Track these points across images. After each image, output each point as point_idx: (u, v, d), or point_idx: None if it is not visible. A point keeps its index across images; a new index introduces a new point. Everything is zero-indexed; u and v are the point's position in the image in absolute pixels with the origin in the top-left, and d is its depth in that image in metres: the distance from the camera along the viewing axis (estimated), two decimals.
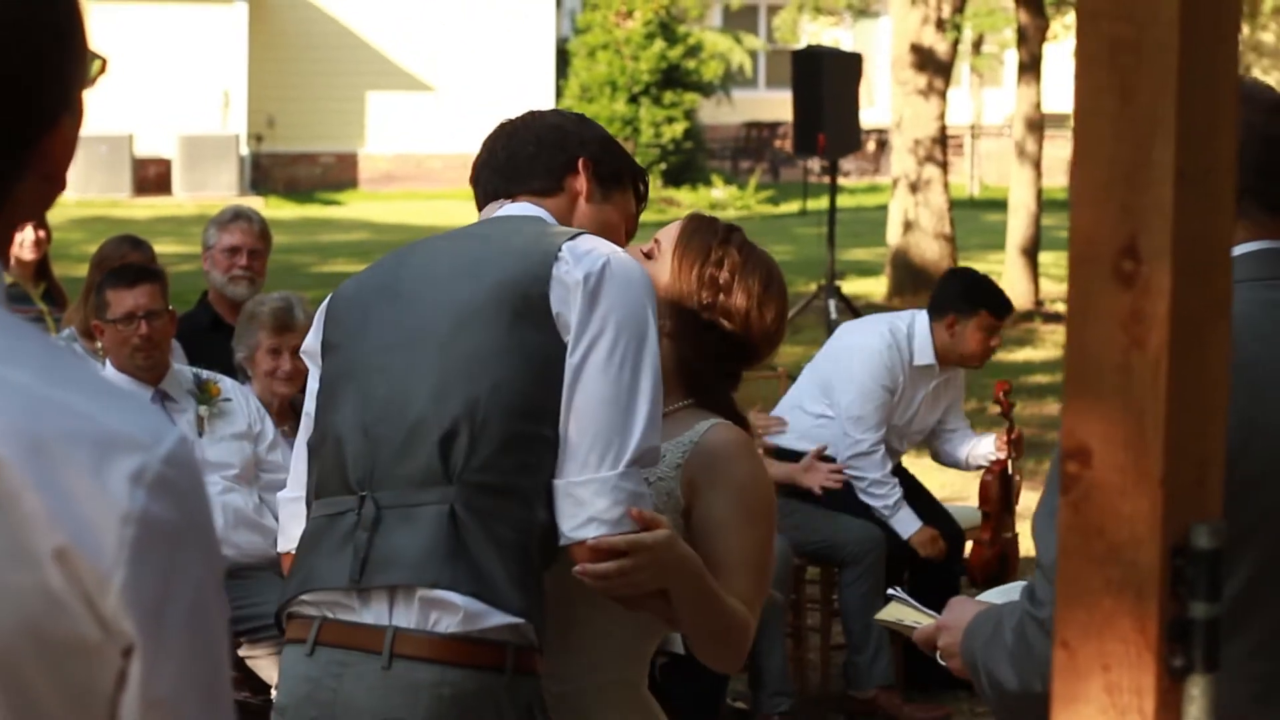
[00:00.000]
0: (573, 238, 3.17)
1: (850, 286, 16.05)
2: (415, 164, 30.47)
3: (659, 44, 29.76)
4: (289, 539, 3.29)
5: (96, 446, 1.52)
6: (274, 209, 26.56)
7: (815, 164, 23.82)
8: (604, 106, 29.87)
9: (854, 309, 13.86)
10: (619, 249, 3.21)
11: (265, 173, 30.00)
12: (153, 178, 28.26)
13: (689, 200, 29.34)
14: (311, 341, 3.35)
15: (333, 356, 3.27)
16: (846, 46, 27.93)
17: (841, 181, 29.97)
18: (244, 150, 28.96)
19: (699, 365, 3.38)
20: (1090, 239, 1.90)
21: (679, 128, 29.81)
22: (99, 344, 6.13)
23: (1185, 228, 1.87)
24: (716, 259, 3.40)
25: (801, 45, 22.62)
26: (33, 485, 1.50)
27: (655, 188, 29.00)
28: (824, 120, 13.20)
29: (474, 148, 3.50)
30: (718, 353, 3.41)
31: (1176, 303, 1.86)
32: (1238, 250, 2.76)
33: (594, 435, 3.04)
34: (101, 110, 27.22)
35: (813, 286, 14.87)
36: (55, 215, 24.59)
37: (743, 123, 34.51)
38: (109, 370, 5.91)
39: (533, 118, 3.47)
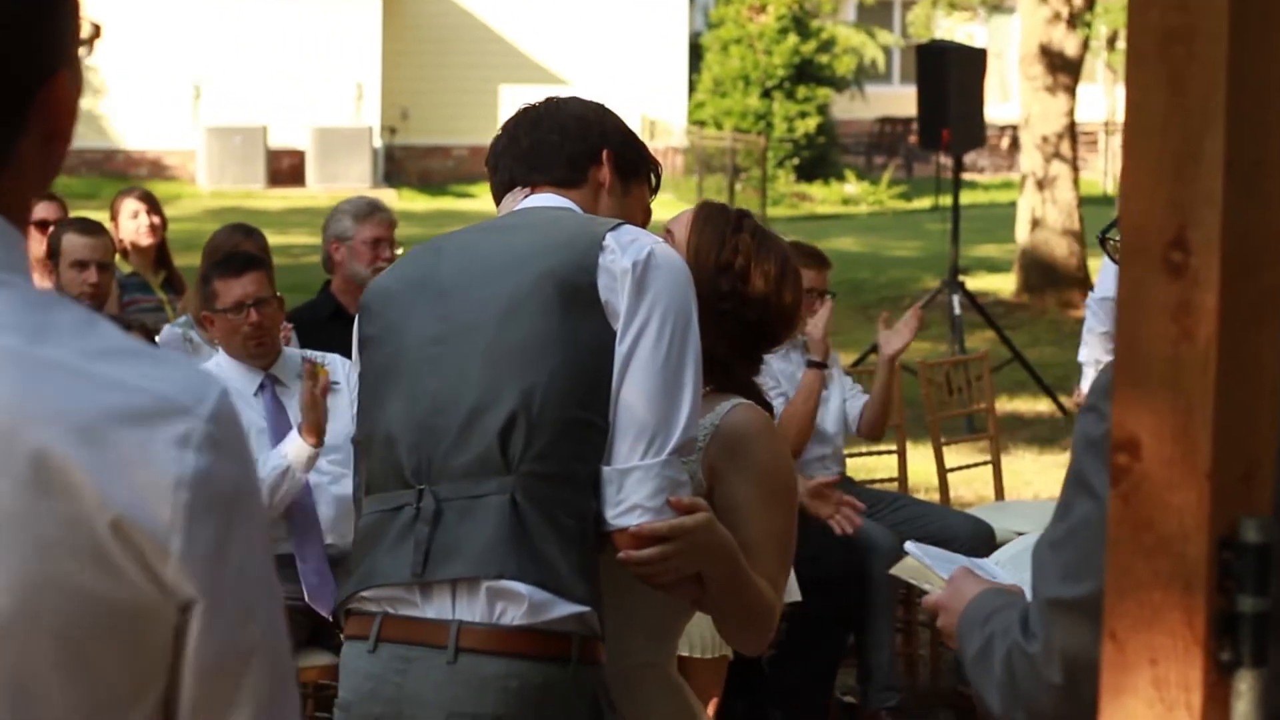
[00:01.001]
0: (615, 227, 3.17)
1: (978, 283, 15.96)
2: None
3: (792, 39, 29.70)
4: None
5: (140, 417, 1.55)
6: (407, 201, 26.74)
7: (948, 160, 23.71)
8: (736, 101, 29.85)
9: (978, 305, 13.78)
10: (659, 239, 3.22)
11: (398, 165, 30.19)
12: (286, 169, 28.53)
13: (821, 195, 29.27)
14: (355, 351, 3.36)
15: (373, 351, 3.27)
16: (980, 42, 27.74)
17: (975, 178, 29.88)
18: (377, 142, 29.17)
19: (719, 350, 3.37)
20: (1140, 230, 1.90)
21: (812, 123, 29.73)
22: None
23: (1234, 219, 1.86)
24: (731, 246, 3.42)
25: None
26: (83, 467, 1.52)
27: (788, 183, 28.97)
28: (949, 115, 13.11)
29: None
30: (739, 339, 3.43)
31: (1225, 295, 1.85)
32: None
33: (640, 423, 3.05)
34: (236, 102, 27.54)
35: (937, 283, 14.80)
36: (189, 206, 24.97)
37: (876, 118, 34.39)
38: (220, 358, 5.98)
39: (556, 106, 3.45)
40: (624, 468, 3.04)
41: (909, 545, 3.06)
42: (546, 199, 3.34)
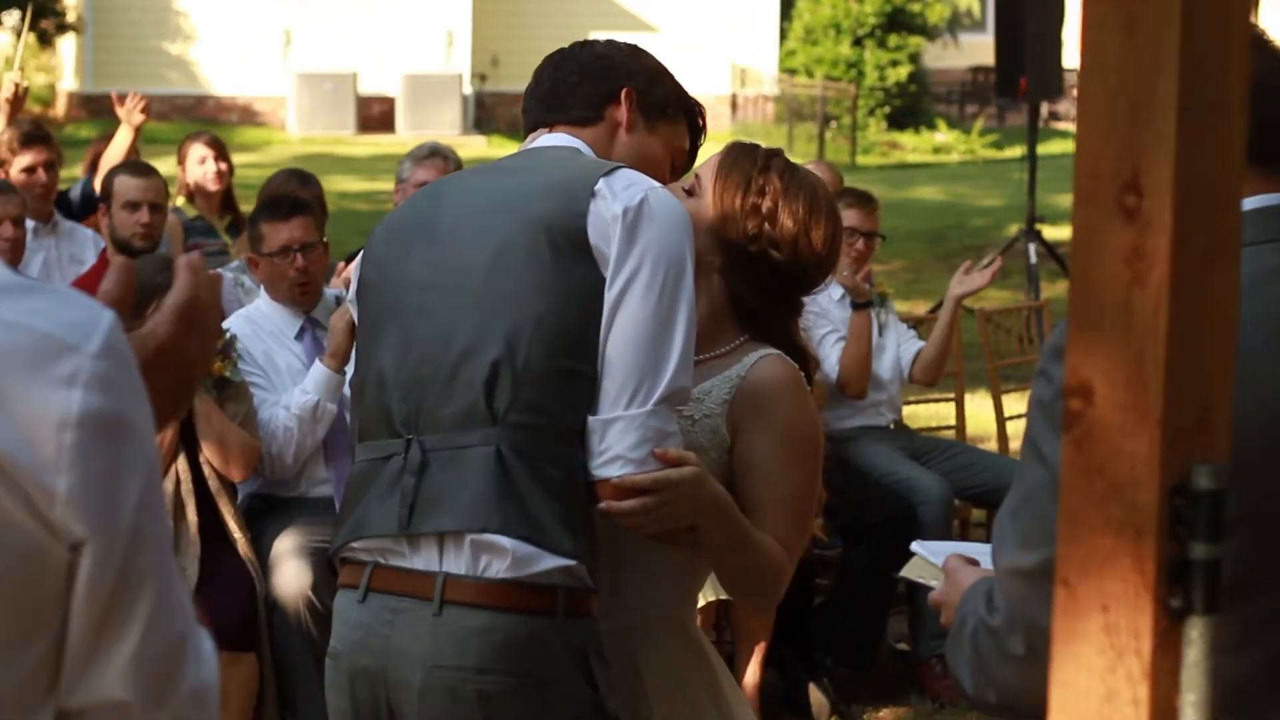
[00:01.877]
0: (610, 171, 3.13)
1: (1057, 232, 15.82)
2: None
3: None
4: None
5: (26, 355, 1.53)
6: (496, 148, 26.74)
7: (1044, 109, 23.45)
8: (828, 49, 29.66)
9: (1055, 254, 13.67)
10: (657, 184, 3.16)
11: (489, 112, 30.19)
12: (376, 116, 28.57)
13: (912, 144, 29.08)
14: (353, 289, 3.36)
15: (372, 296, 3.25)
16: None
17: (1064, 126, 29.56)
18: (467, 89, 29.18)
19: (752, 298, 3.33)
20: (1093, 174, 1.88)
21: (903, 71, 29.50)
22: None
23: (1189, 164, 1.84)
24: (758, 187, 3.33)
25: None
26: None
27: (879, 131, 28.78)
28: (1026, 63, 12.99)
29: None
30: (770, 283, 3.34)
31: (1178, 240, 1.83)
32: None
33: (626, 372, 3.01)
34: (326, 49, 27.61)
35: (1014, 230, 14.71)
36: (279, 152, 25.08)
37: (968, 67, 34.09)
38: (262, 301, 6.02)
39: (581, 47, 3.44)
40: (607, 417, 3.00)
41: (915, 545, 3.00)
42: (556, 139, 3.32)
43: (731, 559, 3.17)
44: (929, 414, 9.00)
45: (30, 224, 7.71)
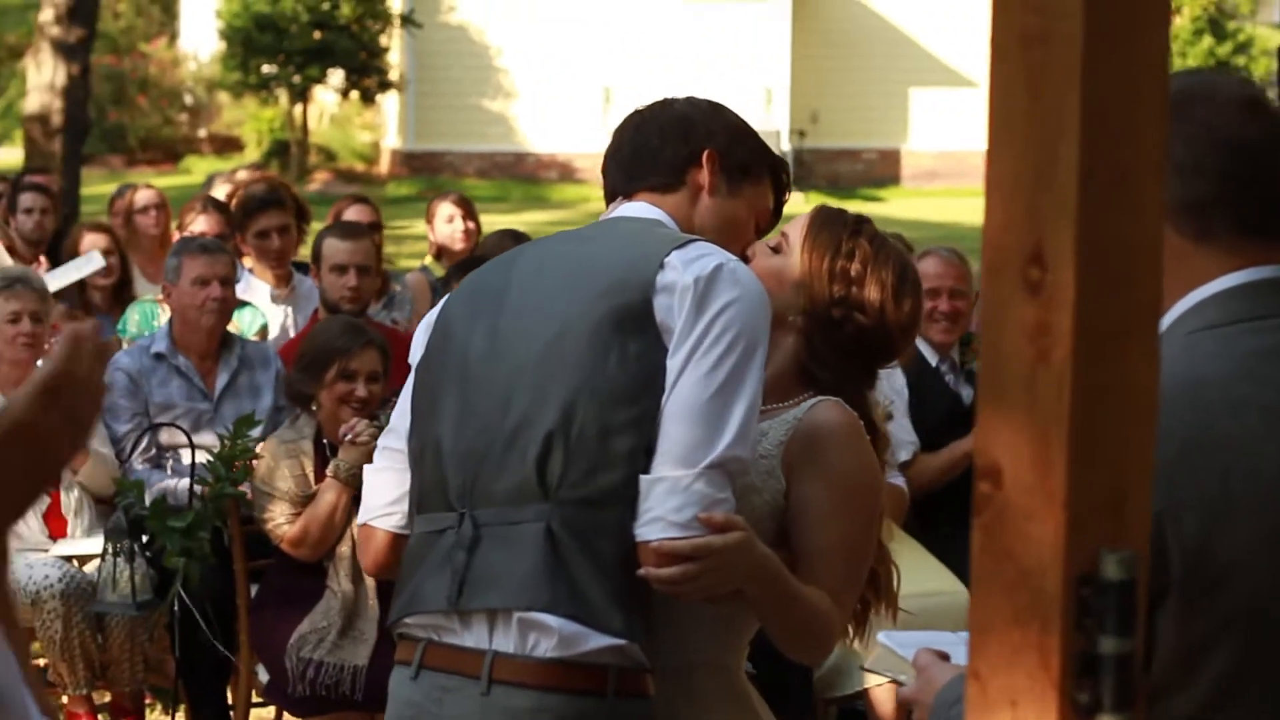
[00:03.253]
0: (682, 245, 3.05)
1: None
2: (958, 161, 30.23)
3: (1207, 40, 28.85)
4: (367, 510, 3.26)
5: None
6: (814, 204, 26.72)
7: None
8: None
9: None
10: (734, 258, 3.07)
11: (808, 169, 30.19)
12: None
13: None
14: (421, 335, 3.31)
15: (436, 360, 3.21)
16: None
17: None
18: (785, 145, 29.23)
19: (830, 359, 3.25)
20: (999, 245, 1.81)
21: None
22: None
23: (1096, 233, 1.75)
24: (847, 251, 3.25)
25: None
26: None
27: None
28: None
29: None
30: (852, 348, 3.27)
31: (1082, 314, 1.75)
32: (1213, 288, 2.33)
33: (679, 436, 2.92)
34: None
35: None
36: (596, 209, 25.27)
37: None
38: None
39: (661, 108, 3.34)
40: (654, 477, 2.92)
41: (881, 636, 2.89)
42: (637, 209, 3.25)
43: (779, 618, 3.08)
44: None
45: (266, 289, 7.93)
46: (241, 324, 7.42)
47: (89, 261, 8.06)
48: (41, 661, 6.34)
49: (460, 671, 3.00)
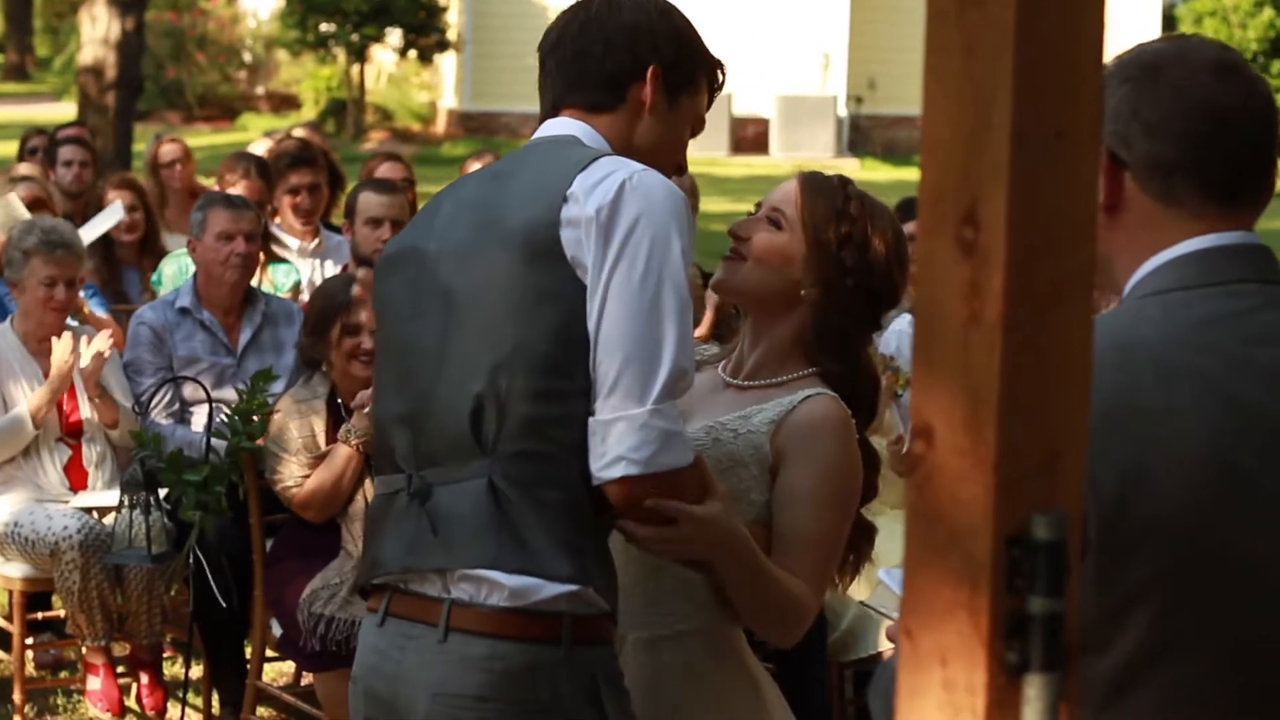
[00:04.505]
0: (585, 166, 2.98)
1: None
2: None
3: (1268, 12, 28.62)
4: None
5: None
6: (869, 171, 26.66)
7: None
8: None
9: None
10: (640, 167, 2.99)
11: (864, 134, 30.10)
12: (750, 137, 28.70)
13: None
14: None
15: (379, 326, 3.23)
16: None
17: None
18: (842, 111, 29.14)
19: (845, 324, 3.24)
20: (934, 204, 1.80)
21: None
22: None
23: (1029, 197, 1.75)
24: (848, 216, 3.24)
25: None
26: None
27: None
28: None
29: None
30: (863, 309, 3.27)
31: (1014, 276, 1.75)
32: (1173, 252, 2.34)
33: (620, 369, 2.88)
34: None
35: None
36: None
37: None
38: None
39: (608, 9, 3.18)
40: (608, 419, 2.88)
41: (880, 573, 2.90)
42: (559, 126, 3.15)
43: (747, 593, 3.07)
44: None
45: (295, 243, 7.98)
46: (276, 279, 7.46)
47: (112, 213, 8.10)
48: (61, 613, 6.40)
49: (422, 619, 3.00)
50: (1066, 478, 1.80)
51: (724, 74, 3.29)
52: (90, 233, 7.75)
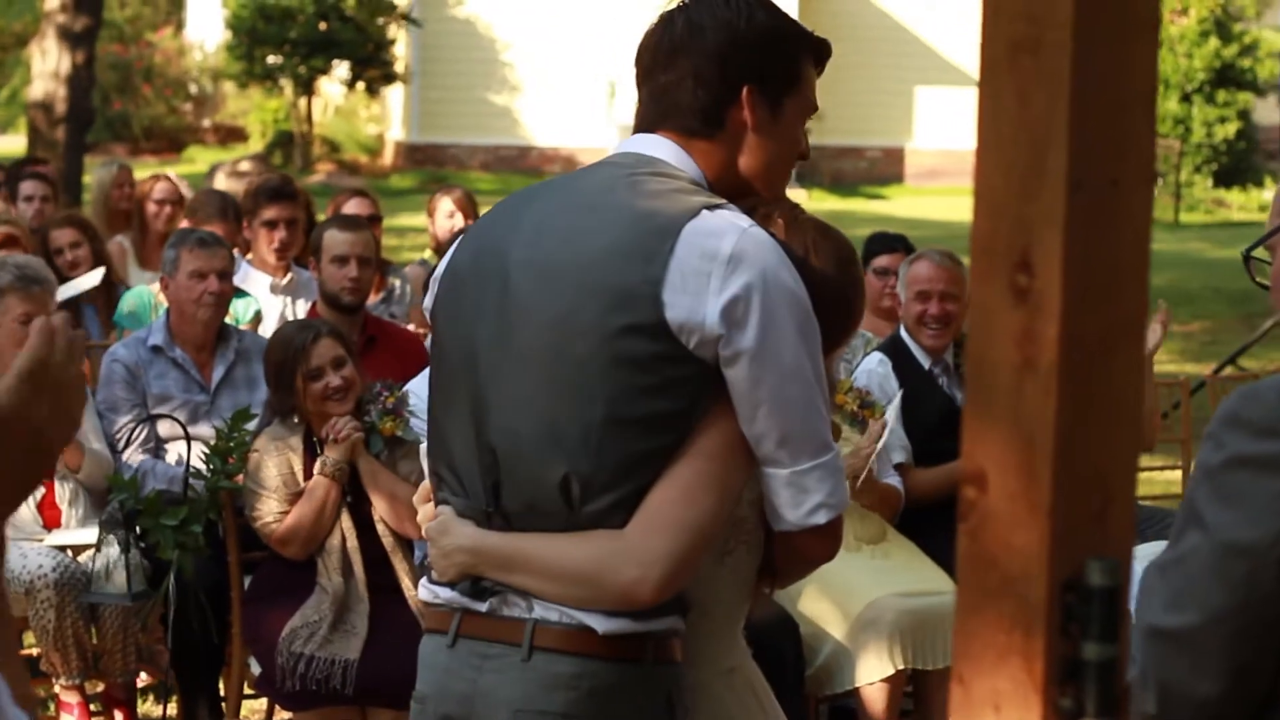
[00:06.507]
0: (694, 215, 2.91)
1: None
2: (962, 160, 30.23)
3: (1213, 41, 28.82)
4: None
5: None
6: (817, 202, 26.72)
7: None
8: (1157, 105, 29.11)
9: None
10: (741, 225, 2.92)
11: (811, 165, 30.09)
12: None
13: (1239, 201, 28.40)
14: (428, 301, 3.22)
15: (447, 334, 3.11)
16: None
17: None
18: None
19: None
20: (987, 251, 1.80)
21: (1231, 128, 28.80)
22: None
23: (1082, 243, 1.75)
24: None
25: None
26: None
27: (1205, 189, 28.13)
28: None
29: None
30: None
31: (1069, 322, 1.75)
32: None
33: (800, 427, 2.91)
34: None
35: None
36: None
37: None
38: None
39: (696, 33, 3.07)
40: (803, 468, 2.94)
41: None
42: (652, 145, 3.06)
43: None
44: (1150, 479, 8.73)
45: (266, 280, 7.96)
46: (236, 312, 7.45)
47: (91, 279, 8.09)
48: (34, 651, 6.35)
49: (500, 639, 2.99)
50: (1118, 523, 1.80)
51: (828, 49, 3.17)
52: (65, 293, 7.72)
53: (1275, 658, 2.31)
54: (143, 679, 6.54)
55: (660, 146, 3.05)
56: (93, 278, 8.07)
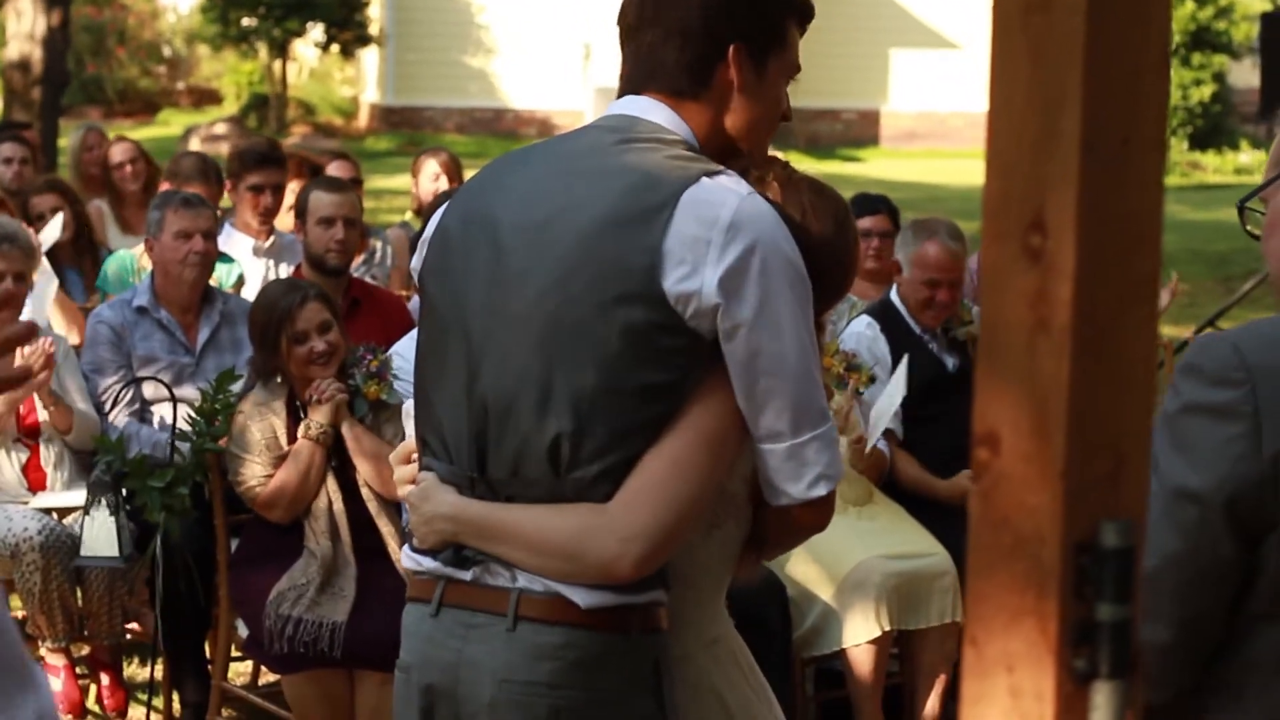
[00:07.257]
0: (693, 181, 2.88)
1: None
2: (938, 122, 30.26)
3: (1189, 5, 28.83)
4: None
5: None
6: (795, 163, 26.67)
7: None
8: None
9: None
10: (740, 192, 2.88)
11: (787, 128, 30.09)
12: None
13: (1214, 164, 28.43)
14: (416, 262, 3.19)
15: (437, 297, 3.08)
16: None
17: None
18: None
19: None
20: (1000, 212, 1.80)
21: (1206, 90, 28.84)
22: None
23: (1097, 204, 1.74)
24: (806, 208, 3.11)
25: None
26: None
27: (1180, 151, 28.16)
28: None
29: None
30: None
31: (1083, 283, 1.74)
32: None
33: (800, 398, 2.89)
34: None
35: None
36: None
37: None
38: None
39: None
40: (802, 440, 2.93)
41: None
42: (645, 108, 3.03)
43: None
44: None
45: (249, 242, 7.95)
46: (219, 276, 7.43)
47: (51, 229, 8.05)
48: (20, 614, 6.35)
49: (485, 609, 2.98)
50: (1131, 484, 1.80)
51: (811, 10, 3.14)
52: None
53: (1226, 607, 2.34)
54: (131, 632, 6.52)
55: (653, 109, 3.02)
56: (53, 228, 8.02)
